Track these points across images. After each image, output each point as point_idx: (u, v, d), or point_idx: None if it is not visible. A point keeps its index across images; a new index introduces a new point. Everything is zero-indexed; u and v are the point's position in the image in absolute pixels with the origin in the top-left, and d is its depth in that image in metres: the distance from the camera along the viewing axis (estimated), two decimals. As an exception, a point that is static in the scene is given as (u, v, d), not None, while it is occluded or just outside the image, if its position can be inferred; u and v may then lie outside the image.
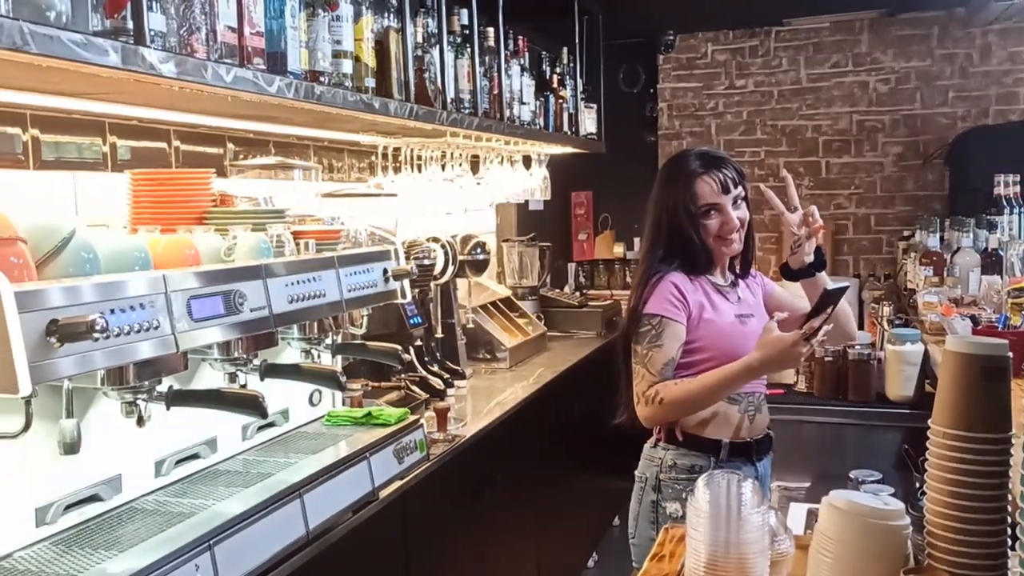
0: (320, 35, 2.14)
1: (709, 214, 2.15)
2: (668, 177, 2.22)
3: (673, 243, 2.17)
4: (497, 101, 3.35)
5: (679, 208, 2.15)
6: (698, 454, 2.15)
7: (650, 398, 2.07)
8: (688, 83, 5.49)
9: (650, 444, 2.26)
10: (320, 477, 1.83)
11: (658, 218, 2.20)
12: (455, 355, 3.45)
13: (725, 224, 2.15)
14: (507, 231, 4.91)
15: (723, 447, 2.15)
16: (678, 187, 2.17)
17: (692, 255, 2.17)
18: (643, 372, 2.09)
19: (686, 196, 2.15)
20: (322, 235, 2.08)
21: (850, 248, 5.25)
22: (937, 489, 1.11)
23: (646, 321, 2.11)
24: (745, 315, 2.24)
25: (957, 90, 4.97)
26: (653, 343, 2.09)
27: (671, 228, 2.17)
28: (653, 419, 2.14)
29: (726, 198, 2.15)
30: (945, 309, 3.05)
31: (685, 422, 2.16)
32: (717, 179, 2.15)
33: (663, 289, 2.13)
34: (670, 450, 2.18)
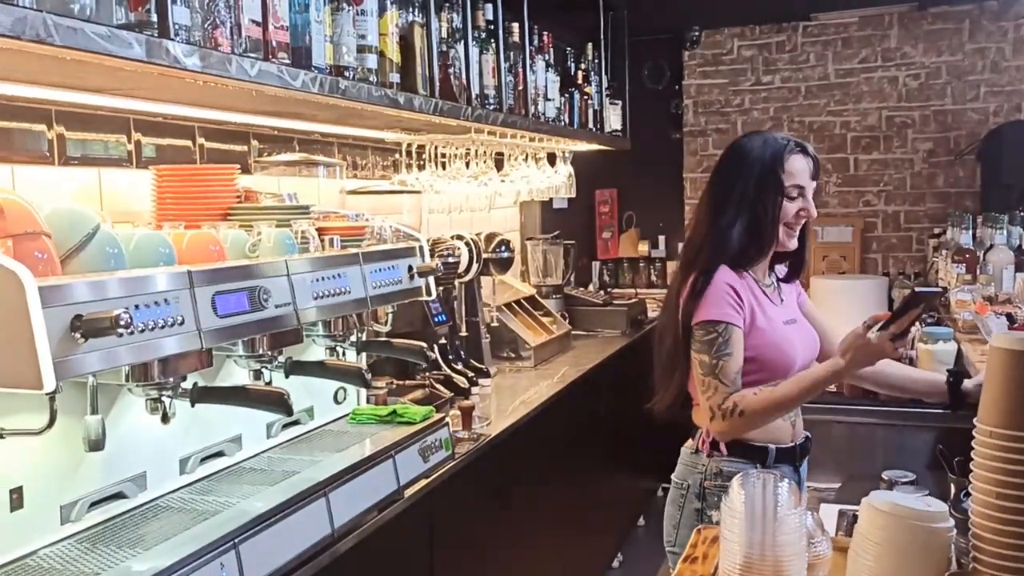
0: (345, 29, 2.12)
1: (793, 195, 2.04)
2: (761, 147, 2.05)
3: (747, 214, 2.03)
4: (522, 97, 3.32)
5: (768, 177, 2.02)
6: (745, 461, 2.05)
7: (727, 411, 1.94)
8: (714, 79, 5.43)
9: (690, 450, 2.17)
10: (345, 475, 1.81)
11: (743, 183, 2.03)
12: (479, 353, 3.43)
13: (803, 210, 2.06)
14: (531, 229, 4.89)
15: (770, 453, 2.07)
16: (775, 158, 2.03)
17: (759, 234, 2.04)
18: (715, 384, 1.96)
19: (778, 168, 2.02)
20: (347, 231, 2.07)
21: (879, 246, 5.17)
22: (983, 490, 1.07)
23: (710, 328, 1.97)
24: (790, 320, 2.16)
25: (989, 85, 4.88)
26: (722, 352, 1.96)
27: (756, 196, 2.02)
28: (731, 432, 2.01)
29: (811, 184, 2.08)
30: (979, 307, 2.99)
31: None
32: (810, 161, 2.07)
33: (719, 291, 1.99)
34: (715, 457, 2.08)
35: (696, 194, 5.53)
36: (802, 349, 2.14)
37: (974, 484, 1.09)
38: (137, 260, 1.48)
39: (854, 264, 5.14)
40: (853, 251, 5.13)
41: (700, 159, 5.51)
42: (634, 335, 4.50)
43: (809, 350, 2.17)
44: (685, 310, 2.02)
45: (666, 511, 2.20)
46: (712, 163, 5.42)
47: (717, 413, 1.96)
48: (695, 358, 2.00)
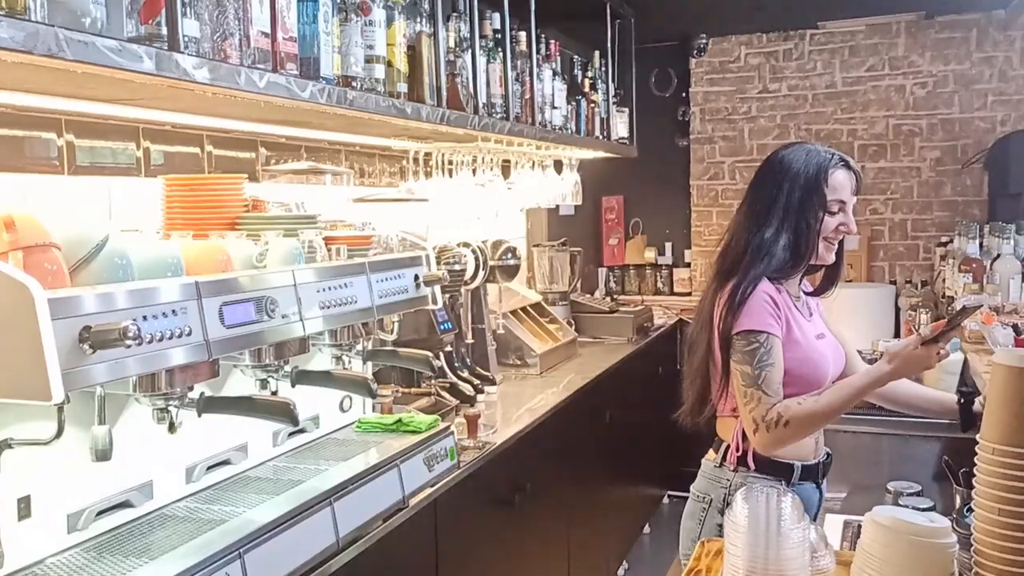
0: (353, 40, 2.14)
1: (835, 209, 2.04)
2: (805, 160, 2.05)
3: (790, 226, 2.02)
4: (529, 105, 3.33)
5: (813, 190, 2.02)
6: (770, 477, 2.02)
7: (772, 422, 1.90)
8: (721, 87, 5.43)
9: (714, 463, 2.13)
10: (350, 485, 1.82)
11: (782, 195, 2.03)
12: (485, 361, 3.44)
13: (843, 224, 2.05)
14: (538, 236, 4.89)
15: (796, 470, 2.05)
16: (819, 172, 2.03)
17: (798, 247, 2.03)
18: (759, 395, 1.92)
19: (823, 182, 2.02)
20: (354, 241, 2.08)
21: (886, 254, 5.16)
22: (986, 507, 1.07)
23: (752, 339, 1.94)
24: (820, 334, 2.14)
25: (996, 94, 4.87)
26: (764, 362, 1.93)
27: (800, 209, 2.02)
28: (775, 445, 1.96)
29: (852, 200, 2.07)
30: (986, 317, 2.98)
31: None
32: (852, 177, 2.07)
33: (759, 301, 1.97)
34: (739, 472, 2.05)
35: (703, 201, 5.54)
36: (833, 364, 2.13)
37: (976, 500, 1.09)
38: (145, 271, 1.49)
39: (861, 272, 5.13)
40: (860, 259, 5.13)
41: (707, 166, 5.51)
42: (640, 342, 4.50)
43: (838, 365, 2.17)
44: (725, 320, 1.99)
45: (684, 524, 2.17)
46: (719, 170, 5.49)
47: (761, 425, 1.92)
48: (736, 369, 1.96)
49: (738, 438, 2.04)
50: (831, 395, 1.95)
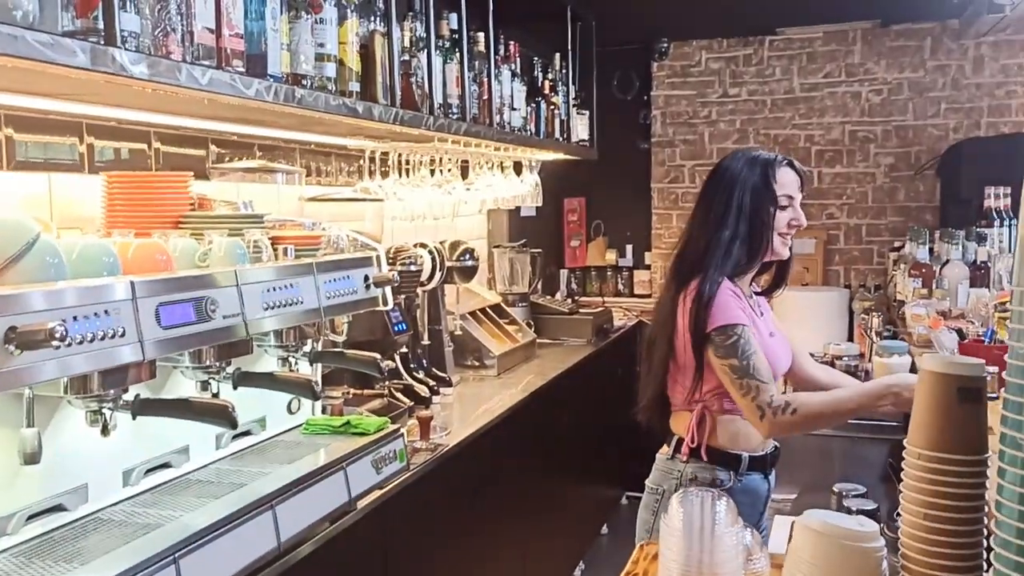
0: (302, 38, 2.12)
1: (785, 206, 2.14)
2: (751, 162, 2.16)
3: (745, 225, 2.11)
4: (487, 106, 3.33)
5: (763, 188, 2.12)
6: (720, 468, 2.12)
7: (780, 408, 1.95)
8: (682, 90, 5.47)
9: (666, 456, 2.21)
10: (294, 487, 1.79)
11: (739, 196, 2.11)
12: (442, 362, 3.42)
13: (794, 219, 2.15)
14: (498, 237, 4.89)
15: (744, 461, 2.12)
16: (767, 170, 2.13)
17: (753, 244, 2.12)
18: (754, 383, 1.98)
19: (771, 179, 2.12)
20: (301, 240, 2.05)
21: (841, 258, 5.23)
22: (912, 511, 1.09)
23: (730, 332, 2.01)
24: (772, 332, 2.22)
25: (949, 102, 4.96)
26: (747, 351, 2.00)
27: (750, 212, 2.11)
28: (783, 430, 2.02)
29: (799, 196, 2.17)
30: (933, 322, 3.03)
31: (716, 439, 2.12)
32: (797, 174, 2.17)
33: (727, 297, 2.05)
34: (691, 463, 2.13)
35: (664, 204, 5.57)
36: (784, 362, 2.22)
37: (903, 504, 1.11)
38: (80, 270, 1.46)
39: (817, 276, 5.19)
40: (816, 263, 5.19)
41: (668, 169, 5.55)
42: (600, 344, 4.51)
43: (788, 362, 2.26)
44: (697, 320, 2.04)
45: (639, 516, 2.25)
46: (679, 173, 5.52)
47: (768, 411, 1.96)
48: (722, 364, 2.01)
49: (693, 430, 2.11)
50: (843, 394, 2.03)
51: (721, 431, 2.12)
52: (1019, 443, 0.90)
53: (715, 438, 2.12)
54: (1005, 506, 0.92)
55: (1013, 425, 0.91)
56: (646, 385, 2.23)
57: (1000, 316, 2.59)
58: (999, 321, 2.59)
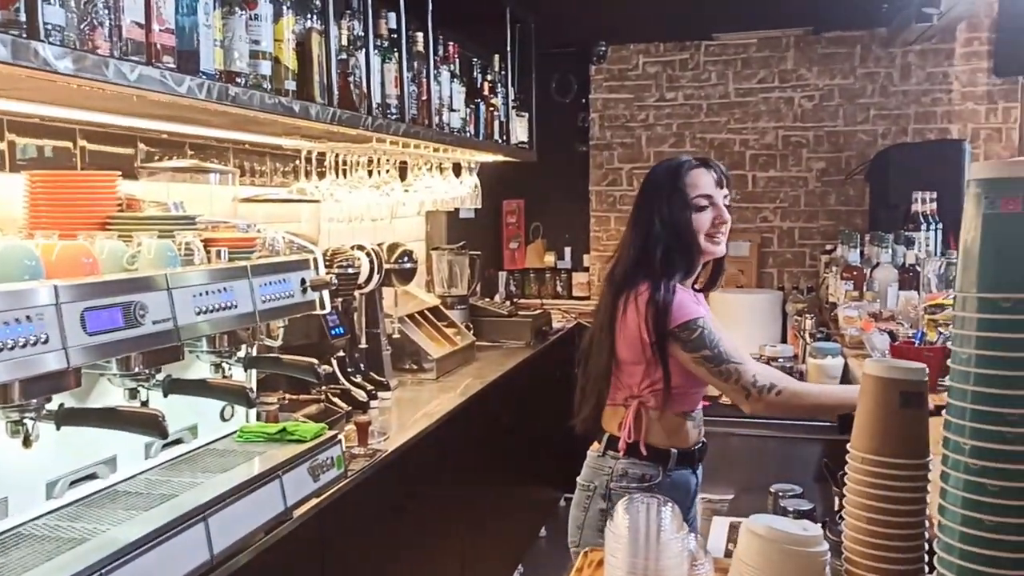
0: (236, 34, 2.06)
1: (704, 206, 2.15)
2: (664, 170, 2.20)
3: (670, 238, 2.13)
4: (426, 107, 3.29)
5: (675, 197, 2.14)
6: (649, 463, 2.15)
7: (765, 388, 2.01)
8: (619, 94, 5.50)
9: (597, 453, 2.23)
10: (227, 498, 1.74)
11: (655, 209, 2.15)
12: (380, 366, 3.37)
13: (718, 217, 2.16)
14: (437, 239, 4.85)
15: (673, 456, 2.16)
16: (675, 176, 2.16)
17: (684, 249, 2.14)
18: (733, 367, 2.03)
19: (682, 185, 2.14)
20: (235, 243, 1.99)
21: (775, 261, 5.32)
22: (855, 514, 1.09)
23: (692, 326, 2.05)
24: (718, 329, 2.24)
25: (878, 108, 5.09)
26: (714, 340, 2.04)
27: (669, 221, 2.13)
28: (768, 409, 2.06)
29: (719, 192, 2.18)
30: (864, 324, 3.09)
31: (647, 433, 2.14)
32: (712, 172, 2.18)
33: (683, 295, 2.09)
34: (621, 459, 2.16)
35: (602, 206, 5.60)
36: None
37: (847, 508, 1.11)
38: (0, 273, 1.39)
39: (751, 278, 5.27)
40: (750, 265, 5.27)
41: (606, 172, 5.58)
42: (538, 346, 4.51)
43: None
44: (657, 322, 2.06)
45: (571, 514, 2.26)
46: (617, 176, 5.56)
47: (753, 391, 2.01)
48: (695, 358, 2.05)
49: (629, 427, 2.14)
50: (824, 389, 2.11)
51: (656, 428, 2.15)
52: (962, 447, 0.91)
53: (647, 434, 2.15)
54: (948, 510, 0.93)
55: (956, 430, 0.92)
56: (588, 395, 2.24)
57: (929, 318, 2.66)
58: (928, 323, 2.66)
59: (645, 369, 2.11)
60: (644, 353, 2.10)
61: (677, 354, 2.07)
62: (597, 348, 2.20)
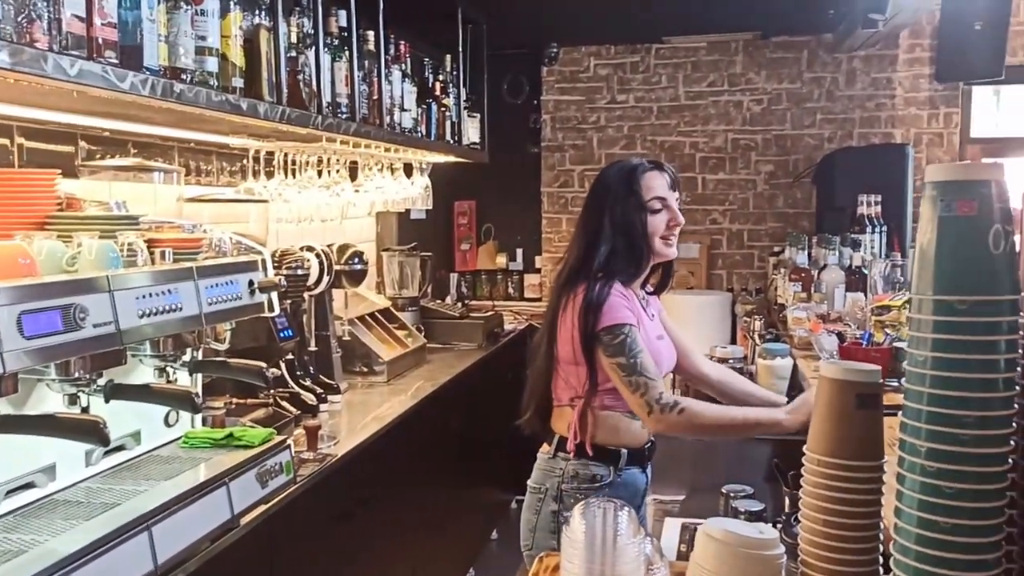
0: (182, 29, 2.00)
1: (657, 209, 2.16)
2: (617, 173, 2.20)
3: (620, 234, 2.13)
4: (377, 107, 3.25)
5: (630, 199, 2.14)
6: (599, 464, 2.16)
7: (667, 406, 2.00)
8: (571, 96, 5.51)
9: (547, 455, 2.23)
10: (172, 506, 1.69)
11: (606, 210, 2.15)
12: (330, 369, 3.32)
13: (672, 219, 2.17)
14: (387, 240, 4.80)
15: (623, 456, 2.17)
16: (630, 179, 2.16)
17: (633, 251, 2.15)
18: (643, 380, 2.02)
19: (637, 187, 2.15)
20: (180, 243, 1.94)
21: (724, 263, 5.37)
22: (812, 517, 1.10)
23: (617, 332, 2.04)
24: (660, 335, 2.27)
25: (824, 112, 5.17)
26: (634, 350, 2.03)
27: (621, 222, 2.14)
28: (669, 428, 2.05)
29: (672, 195, 2.19)
30: (813, 325, 3.13)
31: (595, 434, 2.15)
32: (666, 175, 2.20)
33: (615, 299, 2.08)
34: (571, 461, 2.17)
35: (554, 208, 5.60)
36: (668, 366, 2.27)
37: (803, 511, 1.11)
38: (-71, 275, 1.33)
39: (701, 280, 5.32)
40: (700, 267, 5.32)
41: (557, 174, 5.58)
42: (490, 348, 4.49)
43: (671, 366, 2.32)
44: (586, 321, 2.07)
45: (523, 517, 2.26)
46: (569, 178, 5.57)
47: (655, 407, 2.00)
48: (611, 363, 2.05)
49: (575, 427, 2.15)
50: (734, 412, 2.08)
51: (602, 427, 2.16)
52: (918, 449, 0.91)
53: (596, 434, 2.16)
54: (904, 512, 0.93)
55: (912, 432, 0.92)
56: (531, 396, 2.26)
57: (877, 320, 2.70)
58: (876, 325, 2.70)
59: (587, 370, 2.12)
60: (579, 353, 2.11)
61: (599, 356, 2.08)
62: (540, 348, 2.22)
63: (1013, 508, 0.94)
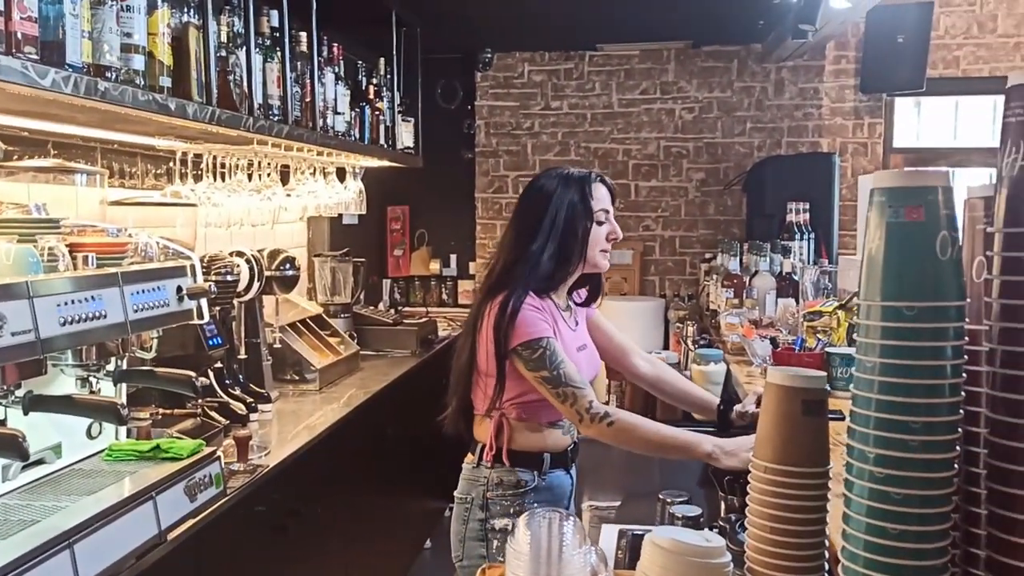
0: (107, 26, 1.93)
1: (602, 221, 2.18)
2: (566, 179, 2.19)
3: (556, 241, 2.13)
4: (309, 109, 3.19)
5: (579, 206, 2.14)
6: (524, 470, 2.16)
7: (597, 416, 2.02)
8: (505, 102, 5.51)
9: (471, 464, 2.23)
10: (95, 522, 1.61)
11: (553, 214, 2.14)
12: (260, 377, 3.24)
13: (611, 233, 2.20)
14: (319, 245, 4.72)
15: (546, 460, 2.17)
16: (583, 187, 2.16)
17: (567, 260, 2.16)
18: (570, 391, 2.03)
19: (589, 196, 2.16)
20: (104, 248, 1.86)
21: (657, 269, 5.43)
22: (758, 524, 1.09)
23: (535, 346, 2.04)
24: (582, 346, 2.27)
25: (754, 121, 5.27)
26: (556, 361, 2.04)
27: (564, 228, 2.14)
28: (598, 436, 2.07)
29: (612, 210, 2.22)
30: (746, 330, 3.17)
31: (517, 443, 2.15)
32: (608, 191, 2.22)
33: (529, 312, 2.08)
34: (496, 468, 2.17)
35: (488, 213, 5.59)
36: (589, 375, 2.25)
37: (750, 518, 1.11)
38: None
39: (634, 286, 5.37)
40: (633, 273, 5.36)
41: (492, 179, 5.57)
42: (424, 355, 4.44)
43: (592, 375, 2.31)
44: (500, 332, 2.07)
45: (452, 528, 2.26)
46: (503, 184, 5.55)
47: (586, 416, 2.03)
48: (535, 377, 2.05)
49: (491, 436, 2.15)
50: (664, 431, 2.08)
51: (522, 435, 2.17)
52: (866, 456, 0.91)
53: (516, 442, 2.16)
54: (853, 519, 0.93)
55: (860, 438, 0.92)
56: (452, 394, 2.27)
57: (808, 325, 2.74)
58: (808, 330, 2.74)
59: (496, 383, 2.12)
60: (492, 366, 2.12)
61: (521, 371, 2.08)
62: (461, 347, 2.23)
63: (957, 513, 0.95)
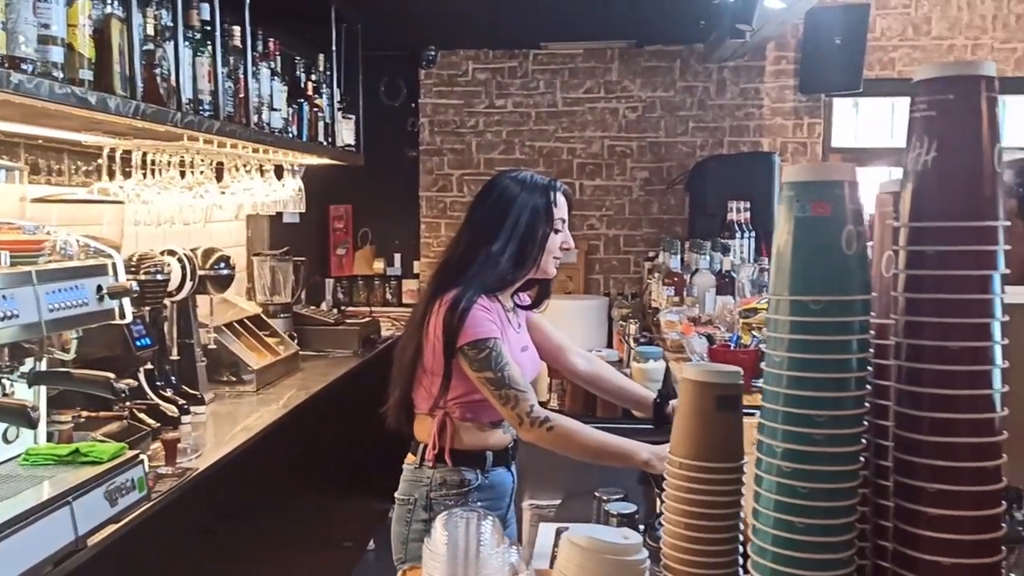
0: (22, 16, 1.86)
1: (559, 229, 2.20)
2: (531, 184, 2.19)
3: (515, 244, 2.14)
4: (243, 105, 3.12)
5: (542, 210, 2.16)
6: (467, 468, 2.16)
7: (537, 420, 2.02)
8: (449, 99, 5.48)
9: (413, 465, 2.22)
10: (7, 528, 1.56)
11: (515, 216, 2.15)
12: (194, 379, 3.17)
13: (565, 242, 2.22)
14: (259, 244, 4.64)
15: (488, 458, 2.18)
16: (547, 193, 2.18)
17: (521, 262, 2.16)
18: (512, 393, 2.03)
19: (552, 203, 2.17)
20: (18, 246, 1.80)
21: (601, 268, 5.45)
22: (674, 520, 1.09)
23: (482, 346, 2.04)
24: (524, 347, 2.28)
25: (696, 121, 5.31)
26: (500, 363, 2.04)
27: (524, 231, 2.15)
28: (539, 442, 2.08)
29: (567, 219, 2.24)
30: (685, 328, 3.19)
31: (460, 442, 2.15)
32: (568, 199, 2.25)
33: (478, 312, 2.07)
34: (439, 468, 2.16)
35: (432, 212, 5.55)
36: (531, 375, 2.27)
37: (666, 514, 1.10)
38: None
39: (579, 284, 5.37)
40: (578, 272, 5.37)
41: (436, 178, 5.54)
42: (366, 355, 4.40)
43: (534, 375, 2.32)
44: (450, 333, 2.06)
45: (393, 530, 2.26)
46: (447, 182, 5.52)
47: (526, 420, 2.03)
48: (479, 377, 2.06)
49: (434, 436, 2.15)
50: (601, 437, 2.10)
51: (464, 435, 2.17)
52: (774, 450, 0.91)
53: (458, 441, 2.16)
54: (761, 513, 0.93)
55: (769, 433, 0.92)
56: (394, 387, 2.25)
57: (744, 322, 2.77)
58: (743, 327, 2.77)
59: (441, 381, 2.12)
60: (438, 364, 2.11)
61: (466, 370, 2.08)
62: (406, 343, 2.21)
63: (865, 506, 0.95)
